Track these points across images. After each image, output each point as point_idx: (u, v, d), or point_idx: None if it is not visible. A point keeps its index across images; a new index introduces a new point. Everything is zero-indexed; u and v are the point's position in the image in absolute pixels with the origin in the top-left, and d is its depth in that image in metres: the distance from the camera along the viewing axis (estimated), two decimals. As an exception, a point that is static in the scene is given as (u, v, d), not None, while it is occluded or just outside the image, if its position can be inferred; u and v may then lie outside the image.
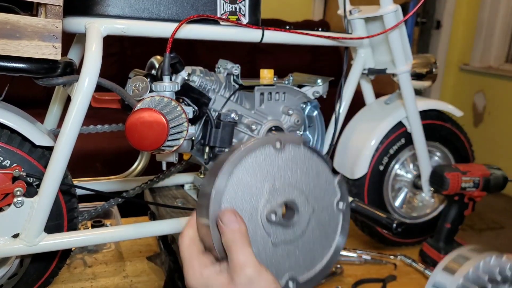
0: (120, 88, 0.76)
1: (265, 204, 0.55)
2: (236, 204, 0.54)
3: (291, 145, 0.56)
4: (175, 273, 0.98)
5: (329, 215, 0.60)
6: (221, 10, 0.84)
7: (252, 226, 0.55)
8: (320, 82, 1.03)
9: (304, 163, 0.57)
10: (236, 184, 0.54)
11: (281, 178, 0.56)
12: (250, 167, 0.54)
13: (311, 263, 0.61)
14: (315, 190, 0.58)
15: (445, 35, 3.83)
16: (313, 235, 0.60)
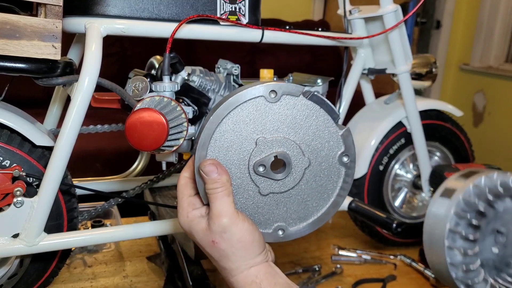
0: (120, 88, 0.76)
1: (254, 156, 0.55)
2: (223, 153, 0.54)
3: (288, 96, 0.54)
4: (175, 273, 0.99)
5: (329, 168, 0.58)
6: (221, 10, 0.84)
7: (239, 176, 0.56)
8: (320, 82, 1.03)
9: (302, 115, 0.55)
10: (223, 133, 0.53)
11: (274, 129, 0.54)
12: (239, 117, 0.53)
13: (305, 215, 0.60)
14: (314, 142, 0.56)
15: (445, 35, 3.82)
16: (308, 187, 0.58)
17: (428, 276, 1.09)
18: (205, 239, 0.54)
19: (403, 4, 2.21)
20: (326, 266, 1.11)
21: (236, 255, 0.53)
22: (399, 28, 1.04)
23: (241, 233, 0.53)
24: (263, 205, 0.58)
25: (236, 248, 0.53)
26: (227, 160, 0.55)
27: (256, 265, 0.54)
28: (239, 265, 0.54)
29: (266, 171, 0.55)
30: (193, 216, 0.55)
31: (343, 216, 1.38)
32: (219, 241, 0.53)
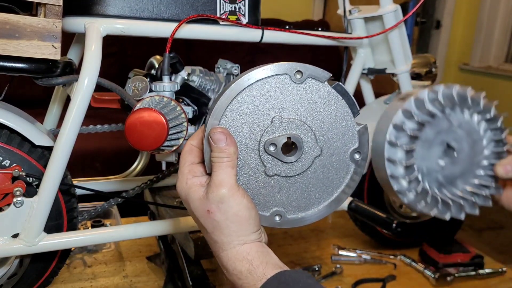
0: (120, 88, 0.76)
1: (267, 133, 0.54)
2: (237, 124, 0.53)
3: (313, 80, 0.53)
4: (175, 273, 0.99)
5: (339, 162, 0.57)
6: (221, 10, 0.84)
7: (248, 151, 0.55)
8: (320, 82, 1.03)
9: (323, 102, 0.54)
10: (241, 104, 0.52)
11: (292, 111, 0.53)
12: (261, 91, 0.52)
13: (305, 205, 0.59)
14: (329, 133, 0.55)
15: (445, 35, 3.83)
16: (314, 177, 0.57)
17: (428, 276, 1.09)
18: (200, 208, 0.53)
19: (403, 4, 2.21)
20: (326, 266, 1.11)
21: (230, 228, 0.52)
22: (399, 28, 1.04)
23: (238, 207, 0.51)
24: (266, 186, 0.57)
25: (231, 221, 0.52)
26: (239, 132, 0.54)
27: (249, 243, 0.53)
28: (232, 239, 0.52)
29: (277, 151, 0.54)
30: (192, 183, 0.54)
31: (343, 216, 1.38)
32: (215, 211, 0.51)
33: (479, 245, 2.15)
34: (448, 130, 0.69)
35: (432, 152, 0.70)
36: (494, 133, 0.70)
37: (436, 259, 1.11)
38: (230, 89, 0.52)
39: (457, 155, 0.70)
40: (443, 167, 0.70)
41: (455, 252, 1.12)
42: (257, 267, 0.51)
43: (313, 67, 0.52)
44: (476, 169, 0.71)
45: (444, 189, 0.72)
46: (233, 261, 0.52)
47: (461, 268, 1.12)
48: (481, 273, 1.12)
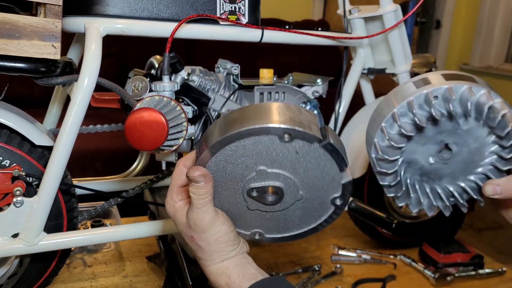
0: (120, 87, 0.76)
1: (251, 181, 0.55)
2: (226, 165, 0.55)
3: (301, 142, 0.53)
4: (175, 273, 0.98)
5: (319, 204, 0.59)
6: (221, 10, 0.84)
7: (231, 190, 0.57)
8: (320, 81, 1.03)
9: (311, 158, 0.54)
10: (232, 151, 0.53)
11: (277, 165, 0.54)
12: (248, 147, 0.53)
13: (283, 230, 0.62)
14: (314, 182, 0.56)
15: (445, 35, 3.83)
16: (294, 213, 0.60)
17: (428, 276, 1.09)
18: (185, 232, 0.58)
19: (403, 3, 2.21)
20: (326, 266, 1.11)
21: (211, 250, 0.58)
22: (399, 28, 1.04)
23: (218, 235, 0.57)
24: (246, 215, 0.60)
25: (212, 246, 0.57)
26: (226, 172, 0.55)
27: (227, 259, 0.59)
28: (213, 258, 0.58)
29: (259, 195, 0.56)
30: (179, 207, 0.58)
31: (343, 216, 1.38)
32: (197, 238, 0.57)
33: (479, 245, 2.15)
34: (451, 132, 0.63)
35: (425, 149, 0.65)
36: (500, 149, 0.63)
37: (436, 259, 1.11)
38: (219, 140, 0.52)
39: (452, 158, 0.65)
40: (431, 164, 0.66)
41: (455, 252, 1.12)
42: (234, 280, 0.57)
43: (303, 131, 0.51)
44: (468, 174, 0.66)
45: (424, 182, 0.68)
46: (214, 275, 0.59)
47: (461, 268, 1.12)
48: (481, 273, 1.12)
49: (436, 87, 0.61)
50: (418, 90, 0.61)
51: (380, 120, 0.64)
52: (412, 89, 0.62)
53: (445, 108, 0.60)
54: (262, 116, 0.52)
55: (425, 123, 0.61)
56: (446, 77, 0.62)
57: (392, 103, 0.63)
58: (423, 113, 0.62)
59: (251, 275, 0.57)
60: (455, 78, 0.62)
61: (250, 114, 0.53)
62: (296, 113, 0.53)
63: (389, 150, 0.64)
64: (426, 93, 0.60)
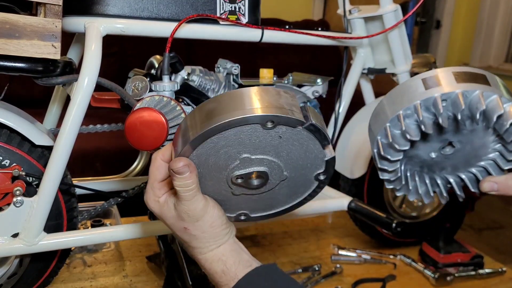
0: (120, 87, 0.76)
1: (236, 169, 0.55)
2: (208, 157, 0.54)
3: (284, 127, 0.52)
4: (175, 272, 0.98)
5: (303, 181, 0.60)
6: (221, 10, 0.84)
7: (216, 176, 0.56)
8: (320, 81, 1.03)
9: (294, 140, 0.54)
10: (211, 146, 0.52)
11: (261, 151, 0.54)
12: (230, 137, 0.52)
13: (268, 208, 0.63)
14: (297, 162, 0.56)
15: (445, 34, 3.83)
16: (279, 192, 0.60)
17: (428, 276, 1.09)
18: (176, 225, 0.57)
19: (403, 3, 2.21)
20: (325, 265, 1.11)
21: (206, 237, 0.57)
22: (399, 27, 1.04)
23: (212, 220, 0.56)
24: (232, 200, 0.60)
25: (207, 232, 0.56)
26: (209, 162, 0.54)
27: (223, 244, 0.58)
28: (209, 244, 0.58)
29: (243, 182, 0.56)
30: (164, 202, 0.57)
31: (343, 216, 1.38)
32: (191, 228, 0.56)
33: (479, 245, 2.15)
34: (456, 132, 0.62)
35: (428, 146, 0.65)
36: (504, 149, 0.63)
37: (436, 259, 1.11)
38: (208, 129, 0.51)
39: (454, 153, 0.65)
40: (432, 158, 0.66)
41: (455, 252, 1.12)
42: (230, 267, 0.57)
43: (285, 116, 0.50)
44: (469, 167, 0.67)
45: (424, 173, 0.68)
46: (210, 262, 0.58)
47: (461, 268, 1.12)
48: (481, 273, 1.12)
49: (445, 92, 0.58)
50: (427, 92, 0.59)
51: (384, 118, 0.63)
52: (420, 89, 0.60)
53: (453, 113, 0.59)
54: (241, 105, 0.51)
55: (431, 129, 0.59)
56: (457, 77, 0.60)
57: (399, 101, 0.61)
58: (429, 116, 0.60)
59: (246, 262, 0.58)
60: (466, 79, 0.60)
61: (228, 103, 0.51)
62: (275, 97, 0.52)
63: (391, 151, 0.63)
64: (435, 98, 0.58)
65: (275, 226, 1.33)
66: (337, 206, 1.04)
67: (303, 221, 1.37)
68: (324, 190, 1.12)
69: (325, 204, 1.04)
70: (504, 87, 0.61)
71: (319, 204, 1.03)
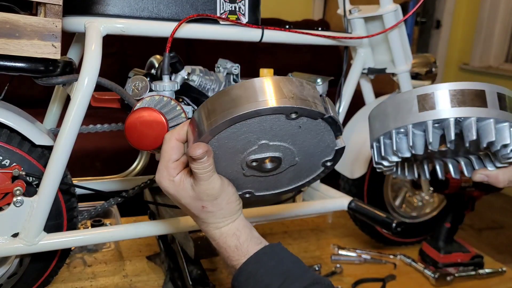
0: (120, 87, 0.76)
1: (252, 153, 0.56)
2: (226, 143, 0.55)
3: (306, 118, 0.54)
4: (175, 272, 0.99)
5: (310, 165, 0.62)
6: (221, 10, 0.84)
7: (230, 159, 0.57)
8: (320, 81, 1.03)
9: (311, 130, 0.56)
10: (233, 131, 0.53)
11: (279, 138, 0.55)
12: (253, 125, 0.53)
13: (271, 188, 0.65)
14: (310, 149, 0.58)
15: (445, 34, 3.83)
16: (285, 175, 0.62)
17: (428, 276, 1.09)
18: (193, 204, 0.58)
19: (403, 3, 2.21)
20: (325, 265, 1.11)
21: (223, 214, 0.59)
22: (399, 27, 1.04)
23: (228, 196, 0.59)
24: (240, 179, 0.62)
25: (224, 209, 0.59)
26: (226, 148, 0.55)
27: (237, 219, 0.61)
28: (226, 219, 0.60)
29: (257, 165, 0.58)
30: (180, 181, 0.57)
31: (343, 216, 1.38)
32: (209, 206, 0.58)
33: (479, 245, 2.15)
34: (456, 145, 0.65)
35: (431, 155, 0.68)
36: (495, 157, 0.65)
37: (436, 258, 1.11)
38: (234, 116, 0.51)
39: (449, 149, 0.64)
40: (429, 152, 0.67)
41: (455, 251, 1.12)
42: (243, 243, 0.59)
43: (310, 109, 0.52)
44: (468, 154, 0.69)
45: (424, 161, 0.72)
46: (225, 236, 0.60)
47: (461, 268, 1.12)
48: (481, 273, 1.12)
49: (438, 118, 0.58)
50: (420, 116, 0.59)
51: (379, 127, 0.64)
52: (414, 109, 0.59)
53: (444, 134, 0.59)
54: (267, 94, 0.51)
55: (422, 150, 0.60)
56: (453, 97, 0.58)
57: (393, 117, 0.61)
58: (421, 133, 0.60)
59: (257, 239, 0.61)
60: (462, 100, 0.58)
61: (254, 91, 0.52)
62: (300, 89, 0.53)
63: (385, 160, 0.65)
64: (427, 124, 0.59)
65: (275, 226, 1.33)
66: (337, 206, 1.04)
67: (303, 221, 1.37)
68: (324, 190, 1.12)
69: (325, 204, 1.04)
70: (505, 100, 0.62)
71: (319, 204, 1.03)
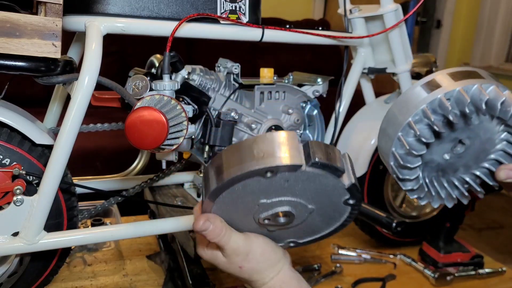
0: (120, 86, 0.76)
1: (258, 212, 0.56)
2: (229, 208, 0.55)
3: (285, 172, 0.51)
4: (175, 271, 0.99)
5: (334, 207, 0.58)
6: (221, 9, 0.84)
7: (246, 221, 0.57)
8: (320, 81, 1.03)
9: (303, 180, 0.52)
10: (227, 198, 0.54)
11: (275, 194, 0.54)
12: (239, 190, 0.53)
13: (312, 233, 0.63)
14: (317, 194, 0.55)
15: (445, 34, 3.83)
16: (314, 221, 0.60)
17: (427, 276, 1.09)
18: (231, 268, 0.59)
19: (404, 3, 2.21)
20: (325, 265, 1.11)
21: (262, 267, 0.58)
22: (400, 27, 1.04)
23: (260, 247, 0.58)
24: (273, 233, 0.60)
25: (261, 261, 0.58)
26: (232, 213, 0.56)
27: (281, 270, 0.60)
28: (268, 273, 0.59)
29: (271, 221, 0.57)
30: (211, 253, 0.60)
31: (343, 215, 1.38)
32: (245, 264, 0.58)
33: (479, 245, 2.16)
34: (464, 128, 0.64)
35: (441, 148, 0.67)
36: (510, 136, 0.65)
37: (436, 258, 1.11)
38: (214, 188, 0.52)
39: (465, 151, 0.67)
40: (446, 160, 0.68)
41: (455, 251, 1.12)
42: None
43: (281, 165, 0.49)
44: (480, 162, 0.68)
45: (441, 177, 0.70)
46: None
47: (461, 267, 1.12)
48: (481, 272, 1.12)
49: (447, 90, 0.60)
50: (431, 96, 0.61)
51: (395, 129, 0.64)
52: (423, 95, 0.62)
53: (460, 109, 0.61)
54: (240, 159, 0.51)
55: (443, 128, 0.61)
56: (453, 77, 0.62)
57: (405, 110, 0.63)
58: (438, 118, 0.62)
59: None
60: (462, 77, 0.62)
61: (229, 158, 0.52)
62: (269, 145, 0.50)
63: (410, 158, 0.65)
64: (440, 98, 0.60)
65: (275, 226, 1.33)
66: (337, 206, 1.04)
67: (303, 221, 1.37)
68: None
69: (325, 204, 1.04)
70: (496, 79, 0.64)
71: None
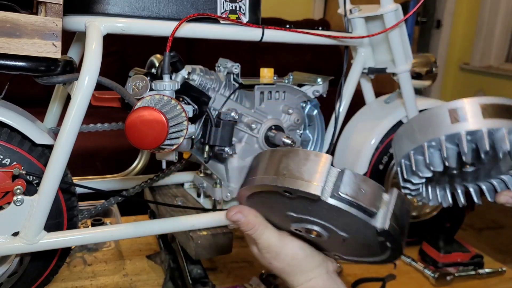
0: (120, 86, 0.76)
1: (288, 221, 0.56)
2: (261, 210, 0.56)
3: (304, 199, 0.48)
4: (175, 271, 0.99)
5: (368, 243, 0.54)
6: (221, 9, 0.84)
7: (286, 222, 0.56)
8: (320, 81, 1.03)
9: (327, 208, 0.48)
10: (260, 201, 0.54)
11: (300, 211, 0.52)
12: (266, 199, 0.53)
13: (355, 255, 0.60)
14: (349, 226, 0.51)
15: (445, 34, 3.83)
16: (352, 247, 0.57)
17: (427, 276, 1.09)
18: (262, 261, 0.59)
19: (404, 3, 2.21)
20: (325, 265, 1.11)
21: (291, 270, 0.58)
22: (400, 27, 1.04)
23: (292, 251, 0.57)
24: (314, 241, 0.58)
25: (291, 265, 0.57)
26: (268, 212, 0.57)
27: (313, 278, 0.58)
28: (299, 278, 0.58)
29: (304, 233, 0.56)
30: (249, 238, 0.59)
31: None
32: (275, 263, 0.58)
33: (479, 245, 2.15)
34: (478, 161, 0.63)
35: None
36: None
37: (436, 258, 1.11)
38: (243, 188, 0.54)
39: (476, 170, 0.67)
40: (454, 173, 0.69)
41: (455, 251, 1.12)
42: None
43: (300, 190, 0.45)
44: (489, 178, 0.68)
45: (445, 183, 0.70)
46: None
47: (460, 267, 1.12)
48: (481, 272, 1.12)
49: (471, 129, 0.58)
50: (453, 128, 0.59)
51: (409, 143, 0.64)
52: (446, 122, 0.60)
53: (476, 147, 0.59)
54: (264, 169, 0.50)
55: (454, 163, 0.60)
56: (484, 110, 0.59)
57: (424, 130, 0.62)
58: (452, 147, 0.61)
59: None
60: (494, 113, 0.59)
61: (263, 161, 0.52)
62: (297, 163, 0.46)
63: (415, 176, 0.65)
64: (460, 135, 0.58)
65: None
66: (337, 206, 1.04)
67: (303, 221, 1.37)
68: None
69: (325, 204, 1.04)
70: None
71: (319, 204, 1.03)
